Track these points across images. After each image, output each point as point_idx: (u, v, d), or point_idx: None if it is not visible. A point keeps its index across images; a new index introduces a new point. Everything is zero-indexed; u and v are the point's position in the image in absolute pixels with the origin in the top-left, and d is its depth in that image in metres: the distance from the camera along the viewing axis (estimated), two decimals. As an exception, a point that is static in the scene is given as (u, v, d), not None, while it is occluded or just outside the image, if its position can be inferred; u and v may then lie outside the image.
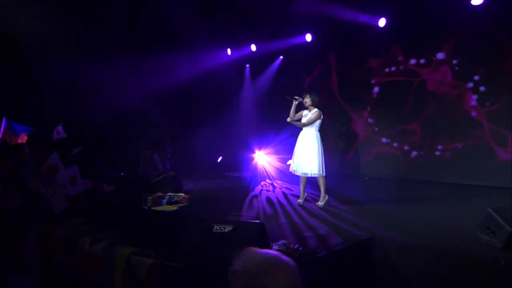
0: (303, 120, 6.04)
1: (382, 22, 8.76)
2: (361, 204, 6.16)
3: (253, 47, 10.94)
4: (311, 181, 6.41)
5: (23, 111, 7.66)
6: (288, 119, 6.07)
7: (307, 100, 6.02)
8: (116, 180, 6.94)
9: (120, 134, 10.03)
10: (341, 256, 4.00)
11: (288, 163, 6.49)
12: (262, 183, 8.42)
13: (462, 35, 7.88)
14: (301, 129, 6.12)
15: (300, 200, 6.21)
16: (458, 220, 5.09)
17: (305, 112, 6.12)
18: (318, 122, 6.00)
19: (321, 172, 5.91)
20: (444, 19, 7.90)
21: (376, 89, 9.18)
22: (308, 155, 5.94)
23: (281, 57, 11.01)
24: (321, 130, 6.13)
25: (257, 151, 11.21)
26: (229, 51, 11.42)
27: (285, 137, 9.04)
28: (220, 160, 11.77)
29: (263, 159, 11.02)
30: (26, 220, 4.57)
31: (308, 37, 10.05)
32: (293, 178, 6.43)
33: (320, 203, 5.97)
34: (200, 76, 10.71)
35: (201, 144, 11.11)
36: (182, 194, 6.60)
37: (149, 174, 9.22)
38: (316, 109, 6.01)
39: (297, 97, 6.05)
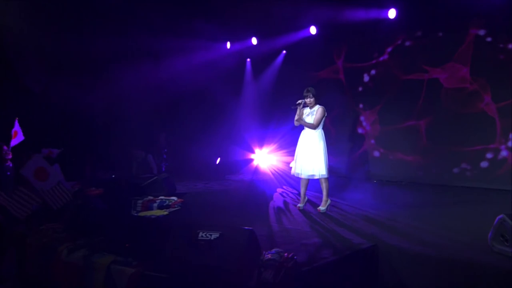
0: (307, 119, 5.90)
1: (392, 13, 8.62)
2: (366, 209, 6.05)
3: (254, 41, 10.85)
4: (311, 183, 6.28)
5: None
6: (296, 123, 5.99)
7: (311, 100, 5.88)
8: (105, 183, 6.86)
9: (112, 134, 9.97)
10: (340, 266, 3.90)
11: (291, 165, 6.37)
12: (280, 190, 8.14)
13: (480, 28, 7.72)
14: (303, 129, 6.01)
15: (301, 205, 6.11)
16: (470, 226, 5.00)
17: (305, 110, 6.00)
18: (323, 120, 5.91)
19: (327, 173, 5.82)
20: (461, 11, 7.74)
21: (387, 86, 9.02)
22: (313, 156, 5.82)
23: (284, 51, 10.91)
24: (325, 128, 6.03)
25: (260, 151, 11.15)
26: (228, 45, 11.32)
27: (288, 129, 8.96)
28: (219, 162, 11.69)
29: (269, 160, 10.94)
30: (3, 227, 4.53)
31: (313, 30, 9.93)
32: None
33: (322, 207, 5.87)
34: (197, 70, 10.61)
35: (199, 144, 11.06)
36: (175, 198, 6.50)
37: (142, 176, 9.17)
38: (318, 106, 5.89)
39: (300, 101, 5.93)
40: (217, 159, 11.55)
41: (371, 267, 4.16)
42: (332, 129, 9.43)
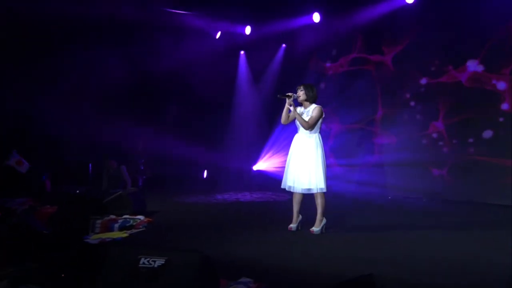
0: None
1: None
2: (369, 231, 5.90)
3: (248, 30, 10.76)
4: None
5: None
6: (283, 121, 5.88)
7: (300, 94, 5.76)
8: (60, 199, 6.74)
9: (79, 141, 9.86)
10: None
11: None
12: (275, 206, 7.95)
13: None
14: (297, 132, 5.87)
15: (293, 225, 5.87)
16: (491, 253, 4.79)
17: (298, 109, 5.84)
18: (319, 122, 5.75)
19: (326, 187, 5.67)
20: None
21: (403, 85, 8.92)
22: (309, 165, 5.65)
23: (284, 45, 10.86)
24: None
25: (260, 161, 11.00)
26: (218, 34, 11.25)
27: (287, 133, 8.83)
28: (207, 176, 11.55)
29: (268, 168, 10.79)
30: None
31: (316, 17, 9.83)
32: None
33: (315, 228, 5.66)
34: (180, 63, 10.48)
35: (184, 153, 10.92)
36: (141, 217, 6.37)
37: (112, 191, 9.06)
38: (314, 105, 5.75)
39: (290, 94, 5.80)
40: (203, 172, 11.43)
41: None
42: (339, 134, 9.28)
